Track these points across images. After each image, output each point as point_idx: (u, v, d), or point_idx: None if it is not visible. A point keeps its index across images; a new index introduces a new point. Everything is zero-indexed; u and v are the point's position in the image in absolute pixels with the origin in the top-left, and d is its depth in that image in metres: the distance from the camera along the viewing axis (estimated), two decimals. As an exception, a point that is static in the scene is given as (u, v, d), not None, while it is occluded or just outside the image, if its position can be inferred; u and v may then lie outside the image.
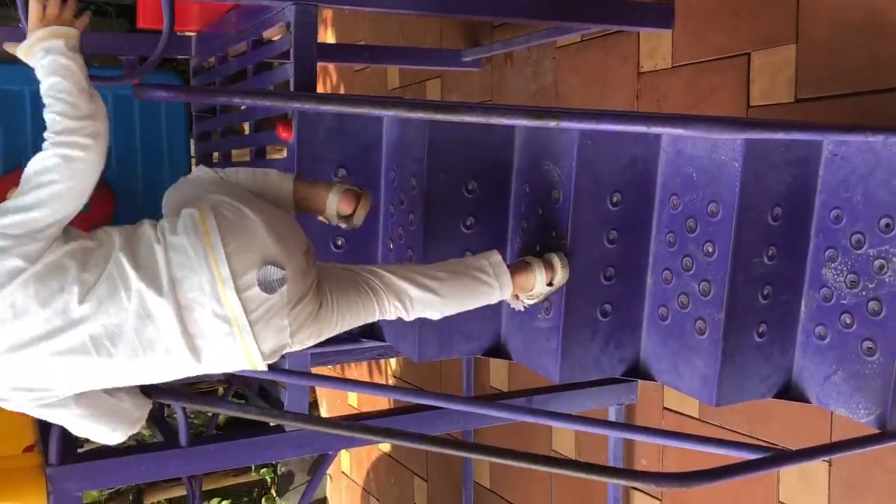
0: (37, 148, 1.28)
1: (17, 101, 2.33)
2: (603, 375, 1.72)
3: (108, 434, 1.41)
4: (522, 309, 1.71)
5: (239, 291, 1.33)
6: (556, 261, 1.61)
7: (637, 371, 1.74)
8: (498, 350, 1.82)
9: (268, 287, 1.36)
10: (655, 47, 2.24)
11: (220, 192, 1.44)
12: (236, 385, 2.40)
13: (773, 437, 1.99)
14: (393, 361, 3.77)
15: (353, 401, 4.16)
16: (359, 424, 1.56)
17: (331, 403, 4.42)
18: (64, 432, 1.68)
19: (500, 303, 1.79)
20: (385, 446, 3.86)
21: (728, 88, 2.04)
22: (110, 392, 1.41)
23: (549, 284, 1.61)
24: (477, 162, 1.72)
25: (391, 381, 3.79)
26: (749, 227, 1.51)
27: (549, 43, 2.60)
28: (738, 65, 2.02)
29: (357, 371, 3.97)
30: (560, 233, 1.62)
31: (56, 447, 1.65)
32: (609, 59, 2.39)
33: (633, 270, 1.68)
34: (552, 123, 1.26)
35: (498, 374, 2.97)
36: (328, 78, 4.04)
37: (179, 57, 2.76)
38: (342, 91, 4.05)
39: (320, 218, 1.57)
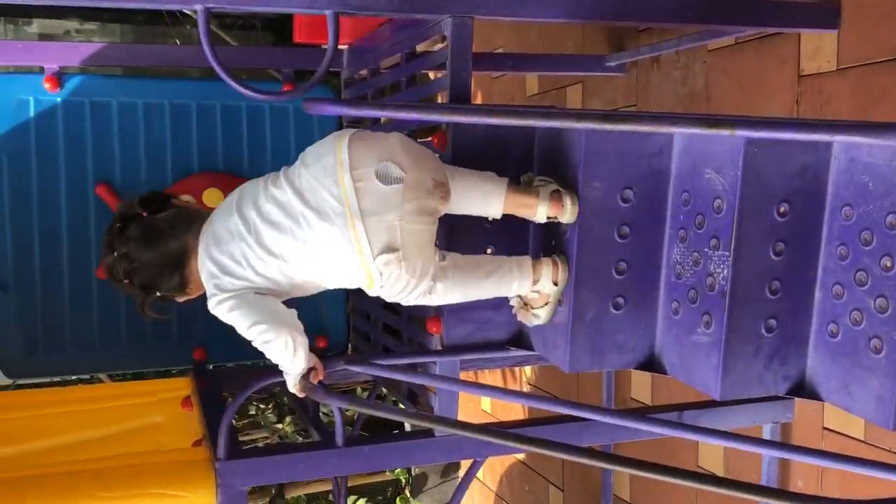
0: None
1: (184, 113, 2.48)
2: (766, 393, 1.64)
3: (269, 331, 1.61)
4: (533, 324, 1.78)
5: (354, 179, 1.53)
6: (559, 261, 1.70)
7: (803, 389, 1.66)
8: (652, 364, 1.78)
9: (383, 178, 1.53)
10: (818, 48, 2.13)
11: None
12: (381, 386, 2.45)
13: (953, 465, 1.84)
14: (528, 369, 3.76)
15: (487, 406, 4.17)
16: (512, 433, 1.56)
17: (463, 407, 4.45)
18: (232, 429, 1.77)
19: (655, 315, 1.76)
20: (520, 453, 3.85)
21: (902, 91, 1.92)
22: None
23: (554, 284, 1.70)
24: (632, 169, 1.69)
25: (525, 389, 3.77)
26: (934, 240, 1.41)
27: (699, 46, 2.52)
28: (915, 65, 1.89)
29: (490, 377, 3.99)
30: (723, 243, 1.57)
31: (224, 443, 1.74)
32: (766, 62, 2.30)
33: (801, 284, 1.60)
34: (726, 132, 1.22)
35: (640, 387, 2.91)
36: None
37: (331, 70, 2.86)
38: (479, 98, 4.09)
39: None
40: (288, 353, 1.61)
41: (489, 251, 1.82)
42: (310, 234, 1.56)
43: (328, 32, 1.67)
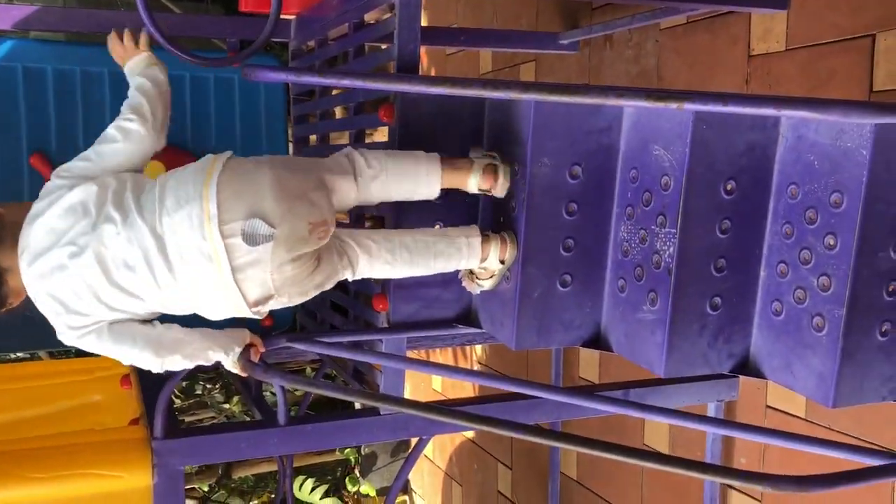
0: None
1: (125, 81, 2.39)
2: (710, 371, 1.65)
3: (144, 359, 1.57)
4: (477, 292, 1.78)
5: (224, 235, 1.45)
6: (507, 238, 1.66)
7: (746, 368, 1.67)
8: (598, 341, 1.77)
9: (249, 239, 1.45)
10: (768, 29, 2.13)
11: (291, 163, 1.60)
12: (328, 366, 2.41)
13: (890, 442, 1.88)
14: (478, 348, 3.75)
15: (438, 385, 4.16)
16: (458, 411, 1.54)
17: (414, 387, 4.44)
18: (169, 407, 1.72)
19: (601, 293, 1.75)
20: (469, 432, 3.85)
21: (849, 72, 1.93)
22: (143, 322, 1.59)
23: (501, 262, 1.68)
24: (581, 145, 1.67)
25: (476, 368, 3.77)
26: (876, 219, 1.42)
27: (652, 25, 2.51)
28: (861, 47, 1.90)
29: (441, 356, 3.97)
30: (670, 220, 1.56)
31: (161, 421, 1.69)
32: (717, 42, 2.30)
33: (746, 262, 1.61)
34: (674, 105, 1.20)
35: (588, 366, 2.92)
36: (419, 62, 4.03)
37: (277, 41, 2.78)
38: (433, 74, 4.04)
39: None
40: (184, 364, 1.59)
41: (437, 227, 1.79)
42: (177, 283, 1.49)
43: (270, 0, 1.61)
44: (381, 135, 2.53)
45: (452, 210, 1.79)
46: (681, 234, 1.54)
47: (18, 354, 3.55)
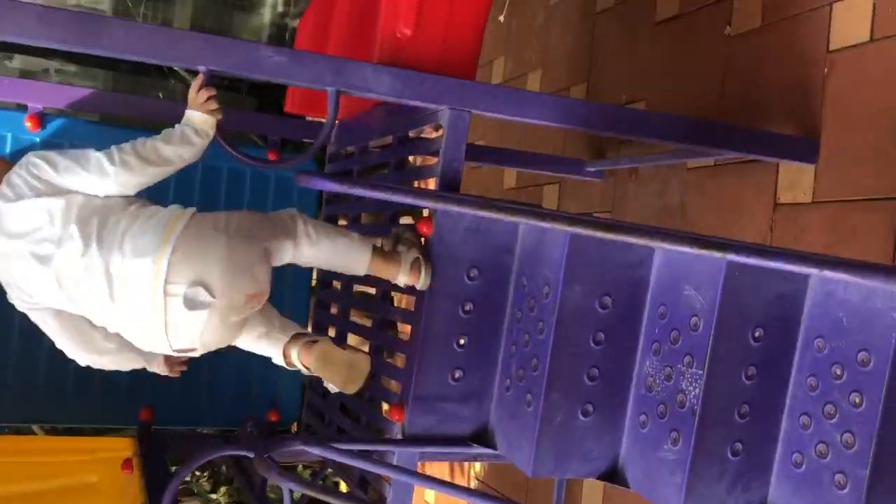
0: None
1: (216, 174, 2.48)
2: (727, 518, 1.62)
3: (72, 352, 1.85)
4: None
5: (166, 293, 1.61)
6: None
7: (763, 518, 1.64)
8: (615, 475, 1.75)
9: (189, 304, 1.61)
10: (796, 180, 2.20)
11: (246, 223, 1.73)
12: (329, 469, 2.37)
13: None
14: (477, 465, 3.69)
15: (430, 497, 4.07)
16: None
17: (405, 496, 4.32)
18: (174, 499, 1.69)
19: (622, 426, 1.74)
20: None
21: (873, 231, 1.98)
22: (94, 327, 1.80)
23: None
24: (612, 277, 1.70)
25: (472, 484, 3.69)
26: (904, 381, 1.43)
27: (679, 164, 2.60)
28: (887, 208, 1.96)
29: (438, 469, 3.90)
30: (697, 361, 1.57)
31: (165, 514, 1.65)
32: (744, 187, 2.37)
33: (770, 411, 1.61)
34: (717, 255, 1.24)
35: (591, 496, 2.86)
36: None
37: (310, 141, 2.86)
38: (456, 186, 4.13)
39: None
40: (106, 367, 1.85)
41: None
42: (117, 315, 1.69)
43: (328, 108, 1.68)
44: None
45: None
46: (707, 377, 1.55)
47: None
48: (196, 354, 1.76)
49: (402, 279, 1.79)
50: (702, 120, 2.36)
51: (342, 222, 2.55)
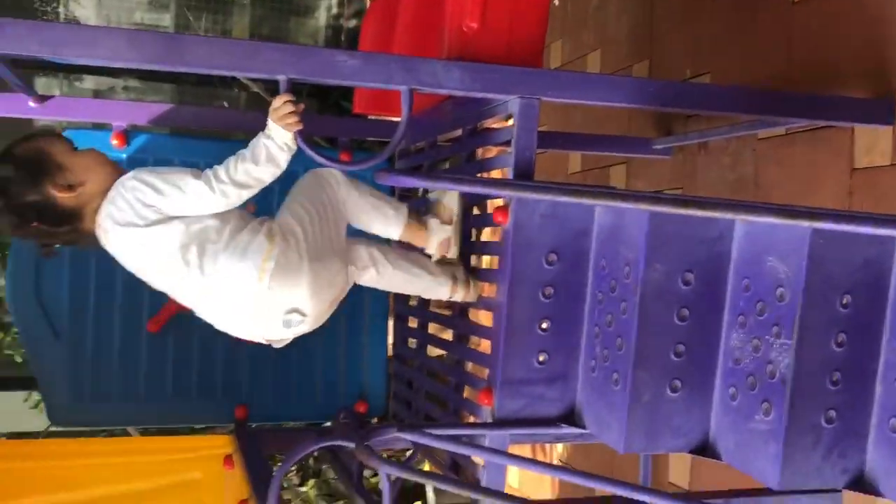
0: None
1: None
2: (824, 486, 1.63)
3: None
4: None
5: (266, 317, 1.89)
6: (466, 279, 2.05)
7: (862, 484, 1.64)
8: (706, 449, 1.76)
9: (286, 325, 1.89)
10: (872, 143, 2.16)
11: (317, 226, 1.89)
12: (419, 454, 2.44)
13: None
14: (559, 446, 3.72)
15: (514, 481, 4.11)
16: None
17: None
18: (279, 492, 1.77)
19: (711, 400, 1.75)
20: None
21: (959, 189, 1.94)
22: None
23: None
24: (693, 253, 1.71)
25: (556, 464, 3.72)
26: None
27: (749, 135, 2.57)
28: (972, 165, 1.92)
29: (519, 451, 3.94)
30: (785, 331, 1.57)
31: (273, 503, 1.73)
32: (818, 154, 2.34)
33: (862, 377, 1.60)
34: (805, 223, 1.24)
35: (678, 470, 2.87)
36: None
37: (376, 140, 2.91)
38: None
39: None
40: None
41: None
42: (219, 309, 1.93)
43: (402, 106, 1.73)
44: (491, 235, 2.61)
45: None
46: (797, 346, 1.55)
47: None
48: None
49: (432, 248, 2.03)
50: (770, 90, 2.34)
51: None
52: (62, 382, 2.39)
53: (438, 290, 2.02)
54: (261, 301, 1.83)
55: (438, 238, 2.01)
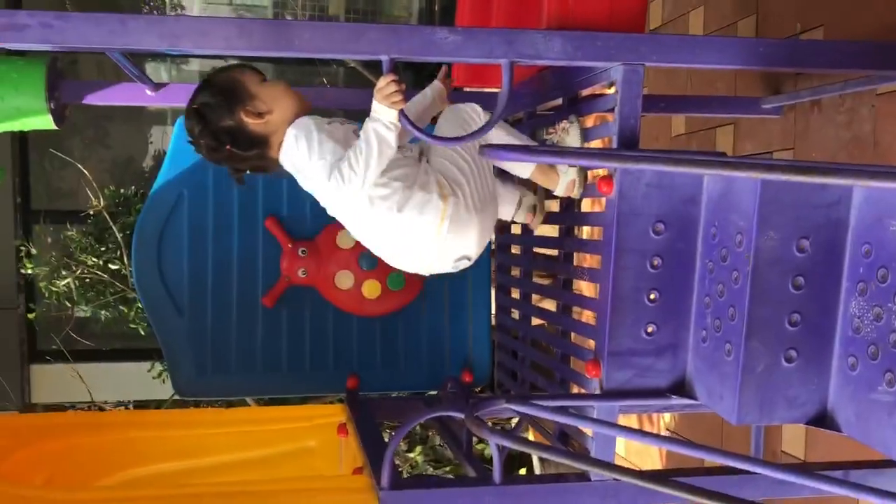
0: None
1: None
2: (954, 458, 1.56)
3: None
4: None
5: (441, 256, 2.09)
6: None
7: None
8: (824, 420, 1.72)
9: (455, 267, 2.11)
10: None
11: (477, 175, 2.03)
12: (526, 422, 2.47)
13: None
14: (666, 415, 3.68)
15: (622, 450, 4.10)
16: (674, 481, 1.55)
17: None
18: (393, 459, 1.83)
19: (829, 370, 1.70)
20: None
21: None
22: None
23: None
24: (809, 219, 1.65)
25: (665, 434, 3.69)
26: None
27: (867, 90, 2.44)
28: None
29: (626, 421, 3.92)
30: (909, 300, 1.51)
31: (388, 472, 1.80)
32: (944, 108, 2.20)
33: None
34: (933, 189, 1.18)
35: (792, 439, 2.79)
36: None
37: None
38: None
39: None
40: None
41: None
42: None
43: (503, 79, 1.73)
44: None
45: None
46: (924, 314, 1.49)
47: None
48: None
49: (560, 190, 2.08)
50: (890, 42, 2.21)
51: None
52: (186, 357, 2.52)
53: (504, 209, 2.25)
54: (435, 250, 2.02)
55: (568, 179, 2.06)
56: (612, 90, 1.87)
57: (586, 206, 2.16)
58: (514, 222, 2.33)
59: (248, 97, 1.97)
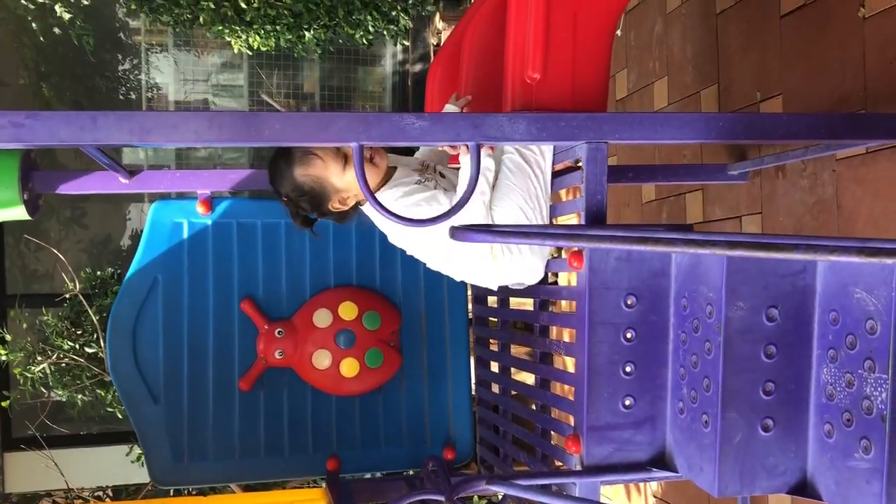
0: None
1: (322, 232, 2.61)
2: (935, 524, 1.55)
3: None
4: None
5: None
6: None
7: (976, 521, 1.56)
8: (805, 488, 1.71)
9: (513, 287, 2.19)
10: (960, 158, 2.08)
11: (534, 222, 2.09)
12: (510, 500, 2.43)
13: None
14: (654, 482, 3.64)
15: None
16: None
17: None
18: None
19: (806, 438, 1.70)
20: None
21: None
22: None
23: None
24: (776, 287, 1.68)
25: (651, 501, 3.65)
26: None
27: (827, 156, 2.51)
28: None
29: (614, 487, 3.87)
30: (879, 365, 1.52)
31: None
32: (902, 171, 2.26)
33: (967, 408, 1.53)
34: (889, 261, 1.21)
35: (779, 504, 2.77)
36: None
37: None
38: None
39: None
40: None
41: None
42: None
43: (471, 161, 1.76)
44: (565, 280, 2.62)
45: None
46: (893, 380, 1.50)
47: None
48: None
49: None
50: (845, 113, 2.28)
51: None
52: (162, 445, 2.49)
53: None
54: (496, 279, 2.13)
55: None
56: (579, 164, 1.91)
57: (562, 280, 2.18)
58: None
59: (334, 192, 2.09)
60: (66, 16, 4.43)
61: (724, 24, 3.10)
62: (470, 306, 2.84)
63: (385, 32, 4.76)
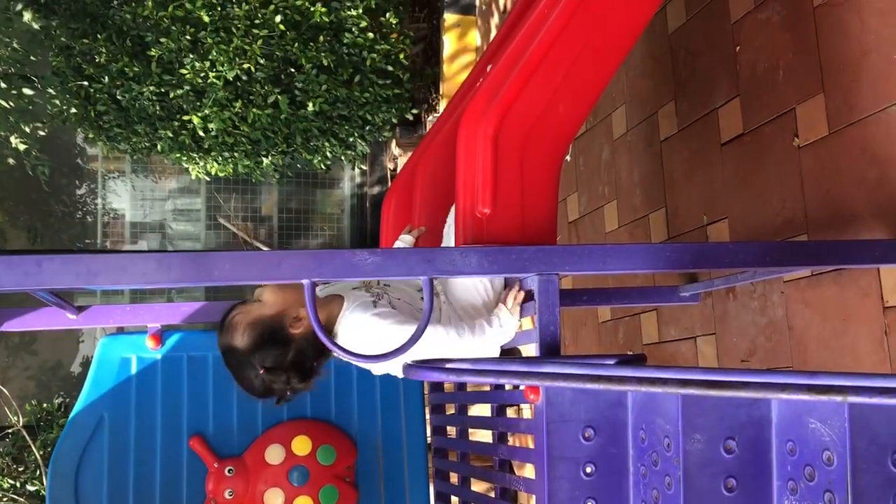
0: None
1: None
2: None
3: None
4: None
5: None
6: None
7: None
8: None
9: None
10: (900, 281, 2.15)
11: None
12: None
13: None
14: None
15: None
16: None
17: None
18: None
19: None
20: None
21: None
22: None
23: None
24: (733, 418, 1.67)
25: None
26: None
27: (775, 279, 2.57)
28: None
29: None
30: (839, 497, 1.51)
31: None
32: (846, 293, 2.32)
33: (930, 540, 1.51)
34: (838, 399, 1.22)
35: None
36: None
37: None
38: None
39: None
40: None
41: None
42: None
43: (424, 295, 1.76)
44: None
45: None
46: (854, 513, 1.48)
47: None
48: None
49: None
50: (788, 242, 2.36)
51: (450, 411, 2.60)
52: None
53: None
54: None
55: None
56: (531, 298, 1.92)
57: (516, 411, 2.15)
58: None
59: (283, 317, 2.03)
60: (22, 147, 4.46)
61: (668, 151, 3.23)
62: (429, 435, 2.78)
63: (343, 157, 4.86)
